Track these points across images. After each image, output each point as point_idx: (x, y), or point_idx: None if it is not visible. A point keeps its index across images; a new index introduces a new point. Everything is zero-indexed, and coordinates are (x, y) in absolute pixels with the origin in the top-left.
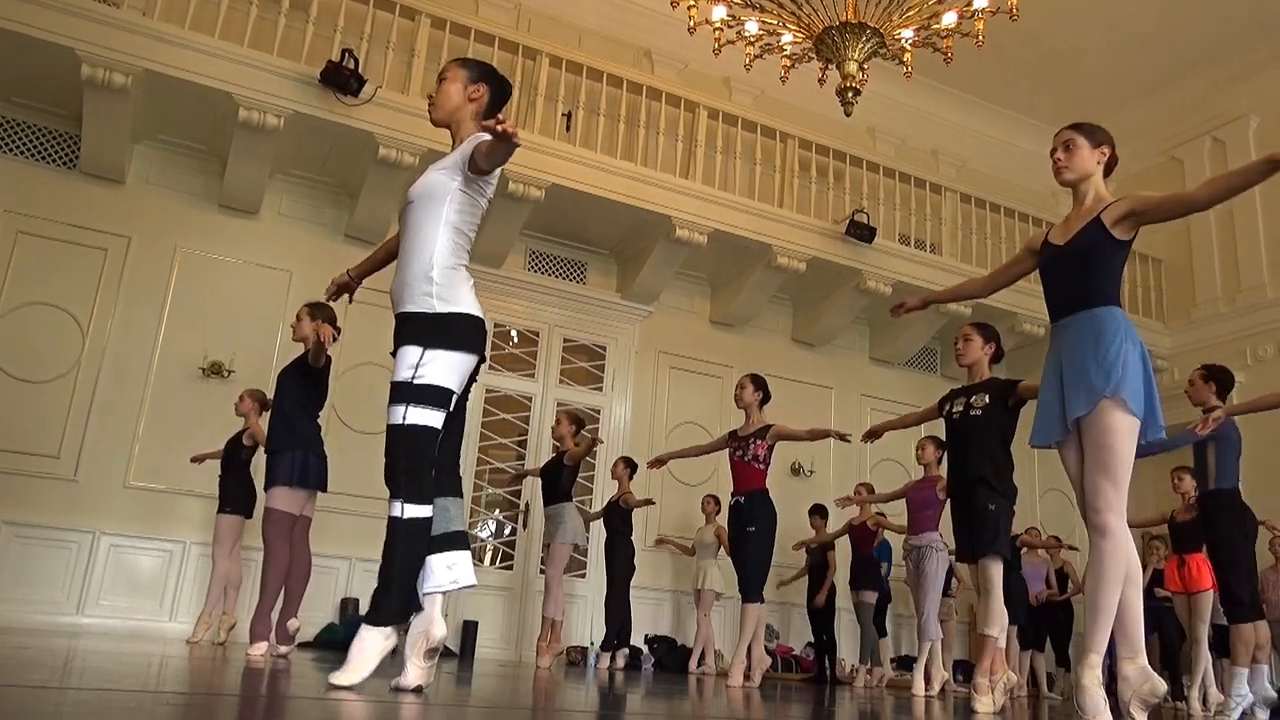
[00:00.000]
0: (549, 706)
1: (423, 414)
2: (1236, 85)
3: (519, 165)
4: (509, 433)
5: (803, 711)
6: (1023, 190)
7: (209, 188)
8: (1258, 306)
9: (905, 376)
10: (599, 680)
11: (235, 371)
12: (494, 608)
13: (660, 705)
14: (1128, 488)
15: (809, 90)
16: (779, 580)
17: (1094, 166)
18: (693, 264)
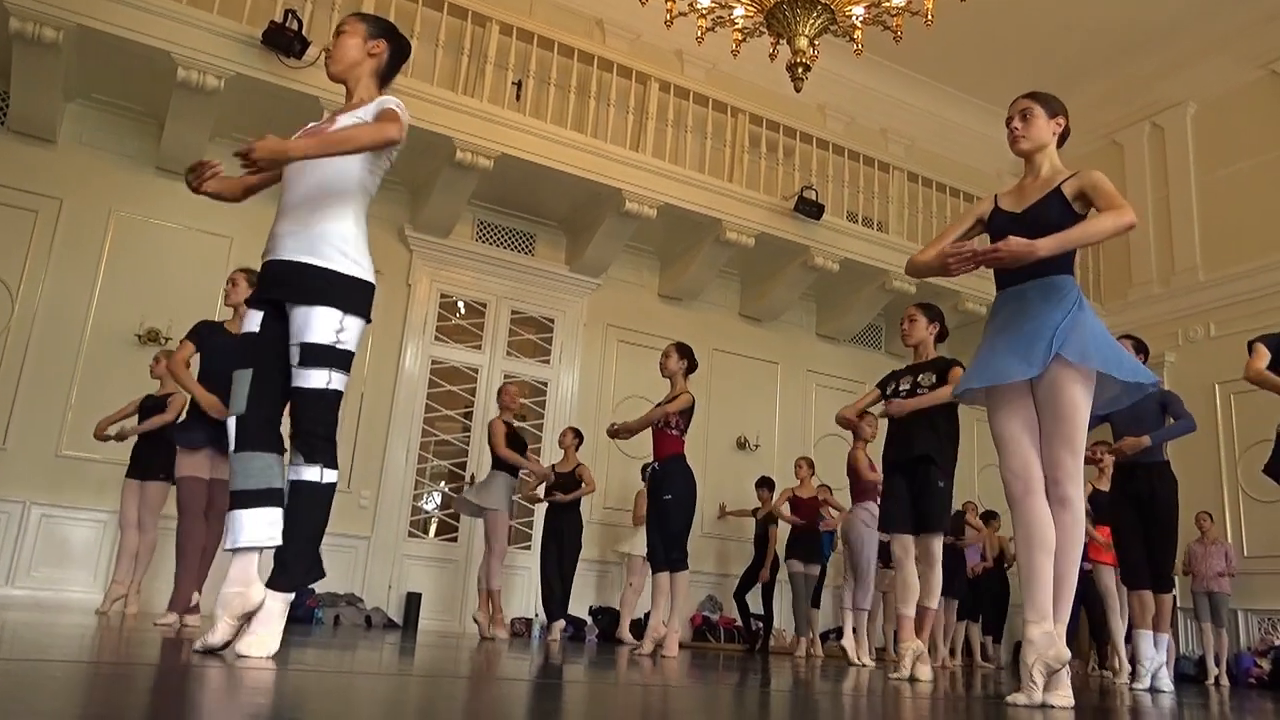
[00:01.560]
0: (512, 676)
1: (341, 379)
2: (1175, 72)
3: (467, 134)
4: (455, 405)
5: (777, 681)
6: (969, 170)
7: (146, 149)
8: (1190, 289)
9: (851, 353)
10: (548, 651)
11: (173, 339)
12: (437, 579)
13: (635, 674)
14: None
15: (760, 65)
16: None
17: (1050, 137)
18: (642, 237)
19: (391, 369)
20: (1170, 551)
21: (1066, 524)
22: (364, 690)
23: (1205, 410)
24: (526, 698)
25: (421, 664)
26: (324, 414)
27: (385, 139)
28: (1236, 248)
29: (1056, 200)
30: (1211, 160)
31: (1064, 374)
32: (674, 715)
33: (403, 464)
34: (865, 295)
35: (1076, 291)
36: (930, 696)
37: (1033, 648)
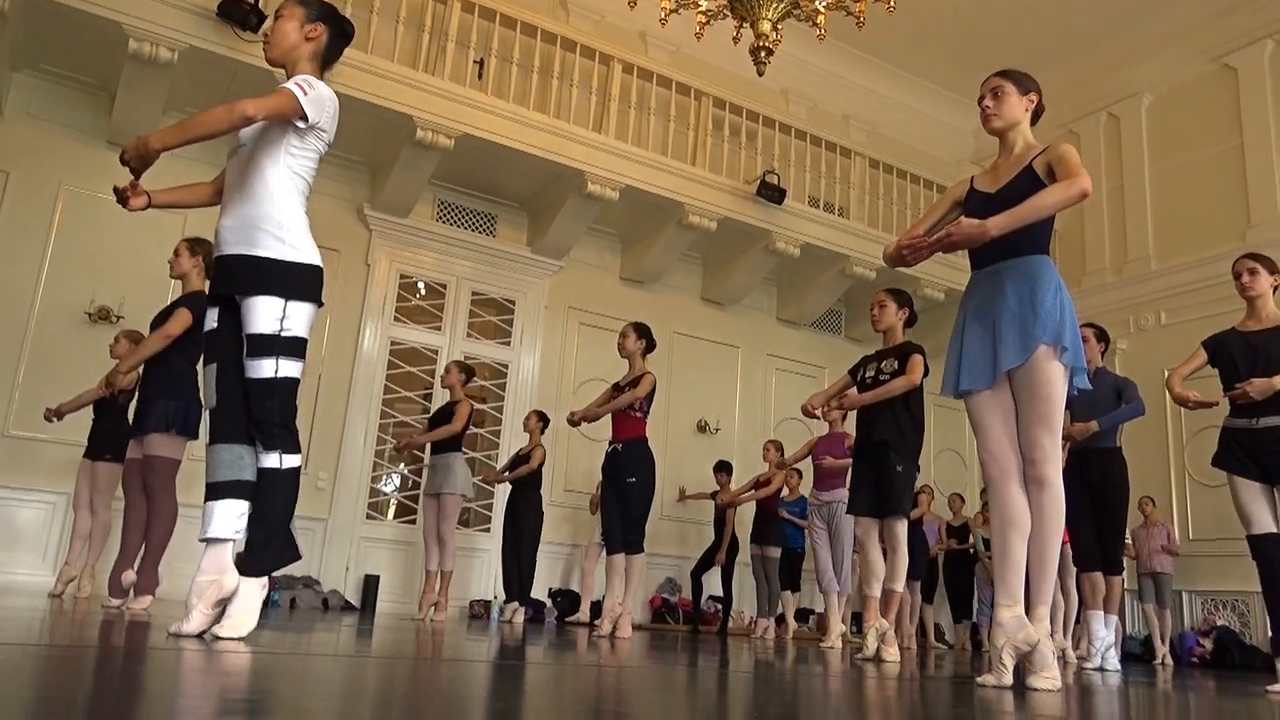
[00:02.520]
0: (467, 658)
1: (291, 365)
2: (1132, 64)
3: (428, 112)
4: (414, 386)
5: (739, 663)
6: (930, 158)
7: (97, 123)
8: (1142, 278)
9: (811, 337)
10: (510, 633)
11: (125, 317)
12: (395, 562)
13: (590, 655)
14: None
15: (724, 49)
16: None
17: (1022, 114)
18: (604, 220)
19: (350, 350)
20: (1120, 535)
21: (1045, 505)
22: (320, 672)
23: (1155, 397)
24: (479, 678)
25: (379, 646)
26: (276, 402)
27: (240, 114)
28: (1187, 237)
29: (1028, 177)
30: (1165, 151)
31: (1043, 357)
32: (626, 696)
33: (361, 446)
34: (826, 280)
35: (1054, 273)
36: (898, 678)
37: (1002, 630)
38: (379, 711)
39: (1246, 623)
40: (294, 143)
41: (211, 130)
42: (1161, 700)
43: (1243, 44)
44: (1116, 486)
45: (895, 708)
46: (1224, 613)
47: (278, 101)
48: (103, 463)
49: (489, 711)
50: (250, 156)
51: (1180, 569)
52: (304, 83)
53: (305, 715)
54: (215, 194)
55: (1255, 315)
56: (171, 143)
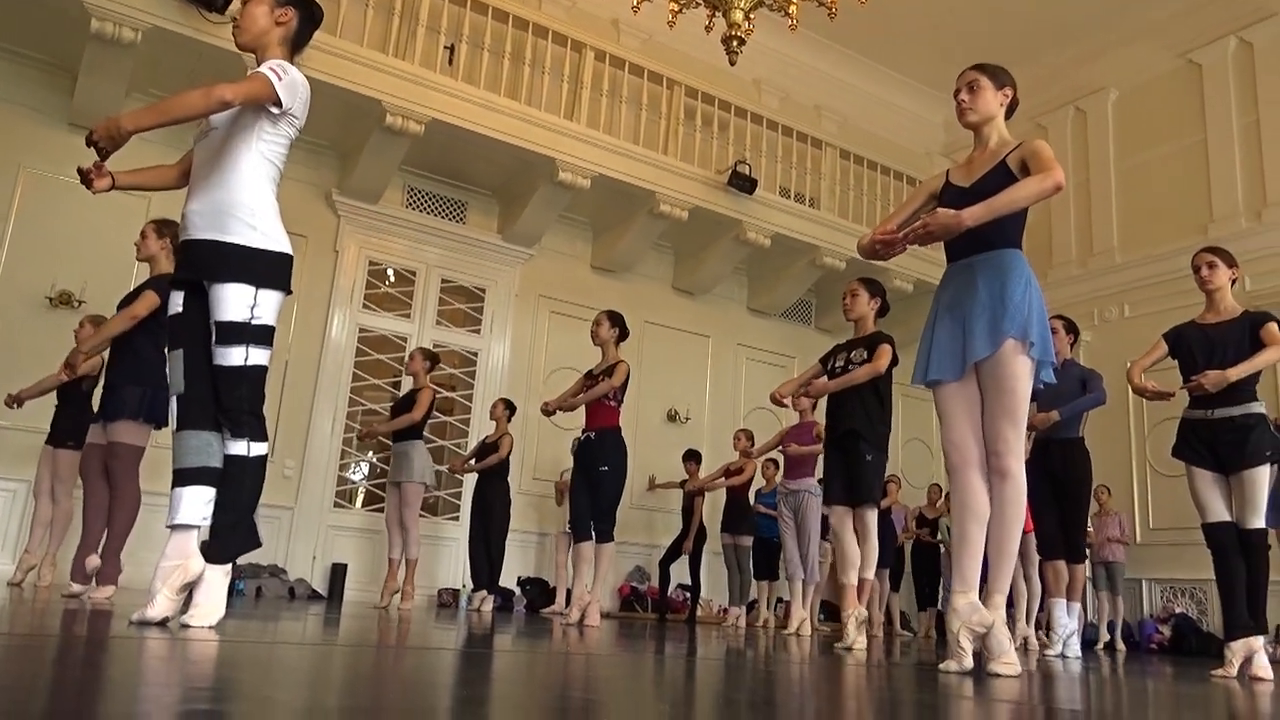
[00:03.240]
0: (435, 645)
1: (260, 354)
2: (1098, 58)
3: (398, 97)
4: (383, 374)
5: (709, 650)
6: (900, 150)
7: (58, 104)
8: (1107, 270)
9: (781, 327)
10: (479, 621)
11: (86, 302)
12: (363, 550)
13: (558, 643)
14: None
15: (696, 38)
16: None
17: (997, 108)
18: (575, 208)
19: (318, 337)
20: (1082, 524)
21: (1007, 495)
22: (286, 660)
23: (1118, 388)
24: (446, 666)
25: (346, 635)
26: (245, 390)
27: (217, 99)
28: (1151, 231)
29: (1002, 171)
30: (1130, 145)
31: (1010, 351)
32: (594, 683)
33: (328, 433)
34: (796, 270)
35: (1025, 267)
36: (865, 664)
37: (957, 615)
38: (345, 699)
39: (1204, 610)
40: (266, 128)
41: (186, 114)
42: (1119, 686)
43: (1206, 41)
44: (1078, 476)
45: (860, 694)
46: (1182, 600)
47: (252, 87)
48: (65, 449)
49: (455, 699)
50: (222, 141)
51: (1140, 558)
52: (277, 68)
53: (269, 704)
54: (180, 177)
55: (1214, 308)
56: (145, 125)
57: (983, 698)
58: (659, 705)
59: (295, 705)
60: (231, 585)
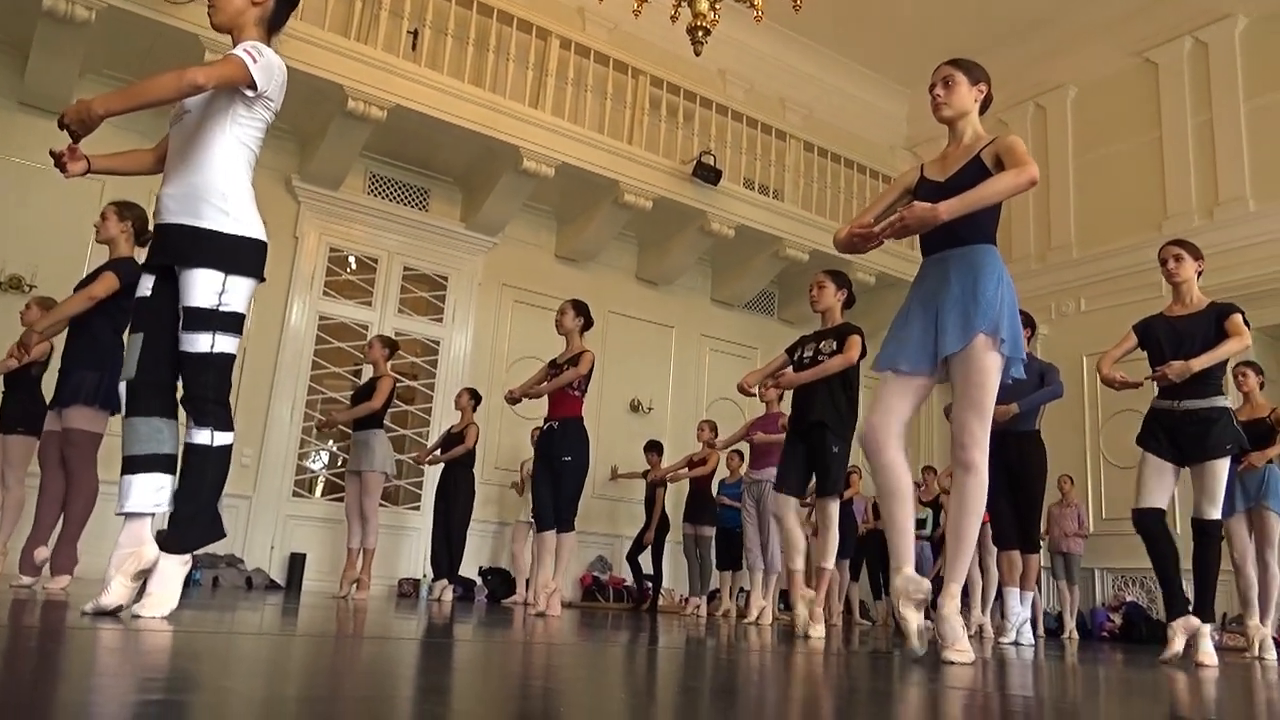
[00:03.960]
0: (395, 635)
1: (228, 341)
2: (1058, 56)
3: (360, 82)
4: (343, 362)
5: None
6: (864, 143)
7: (9, 83)
8: (1064, 265)
9: (744, 318)
10: (439, 611)
11: (36, 287)
12: (323, 540)
13: (518, 633)
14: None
15: (662, 27)
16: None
17: (971, 104)
18: (540, 196)
19: (277, 323)
20: (1036, 515)
21: (968, 487)
22: (243, 650)
23: (1074, 380)
24: (405, 656)
25: (304, 624)
26: (211, 378)
27: (189, 82)
28: (1108, 227)
29: (977, 166)
30: (1088, 142)
31: (981, 346)
32: (555, 671)
33: (288, 422)
34: (760, 262)
35: (999, 264)
36: (822, 653)
37: (897, 592)
38: (302, 690)
39: (1154, 598)
40: (241, 111)
41: (158, 98)
42: (1070, 672)
43: (1163, 40)
44: (1033, 469)
45: (815, 681)
46: (1133, 589)
47: (226, 69)
48: (15, 436)
49: (414, 688)
50: (196, 125)
51: (1092, 547)
52: (253, 50)
53: (225, 694)
54: (155, 162)
55: (1180, 300)
56: (116, 108)
57: (936, 685)
58: (617, 693)
59: (251, 696)
60: (188, 575)
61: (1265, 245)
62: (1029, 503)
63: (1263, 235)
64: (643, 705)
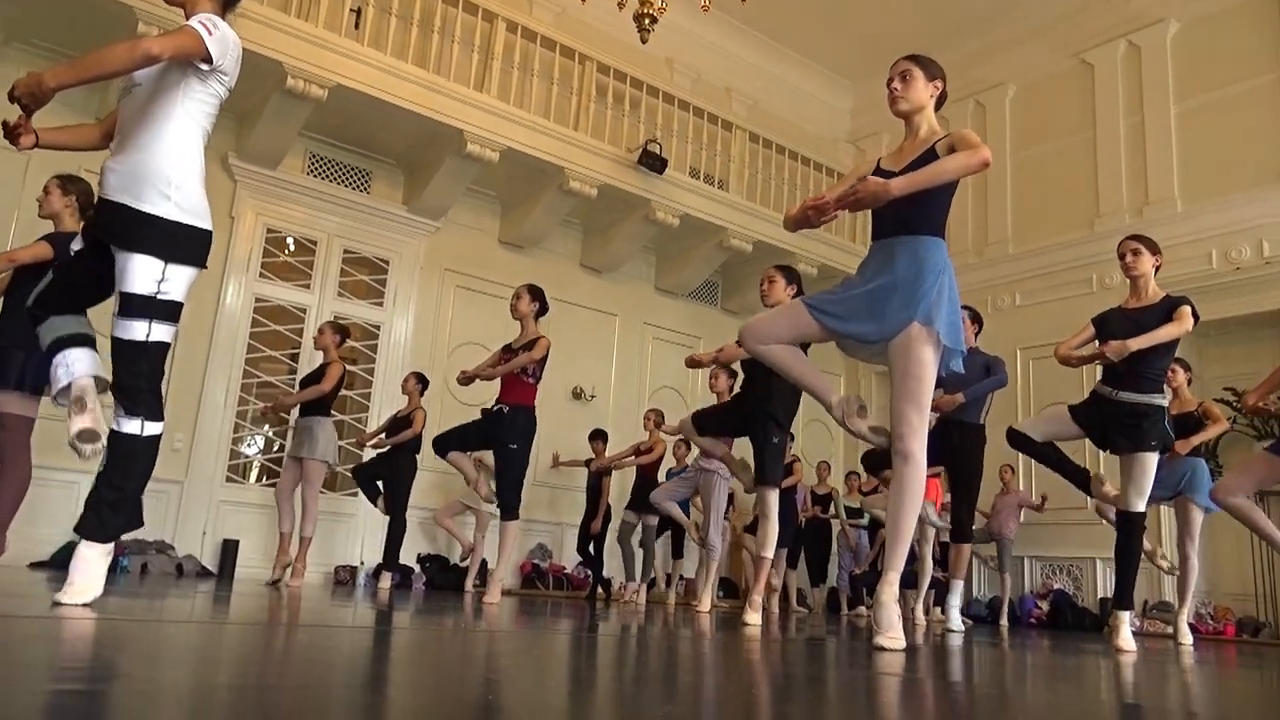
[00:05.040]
0: (331, 623)
1: (164, 330)
2: (997, 55)
3: (300, 60)
4: (280, 345)
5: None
6: (809, 135)
7: None
8: (1000, 260)
9: (687, 307)
10: (383, 600)
11: None
12: (257, 526)
13: (435, 620)
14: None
15: (609, 14)
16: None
17: (927, 99)
18: (484, 181)
19: (211, 306)
20: (971, 506)
21: (907, 476)
22: (171, 639)
23: (1009, 372)
24: (341, 644)
25: (236, 612)
26: (145, 366)
27: (142, 54)
28: (1042, 223)
29: (931, 158)
30: (1026, 140)
31: (918, 335)
32: (492, 659)
33: (221, 406)
34: (704, 251)
35: (943, 256)
36: (759, 639)
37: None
38: (233, 678)
39: (1080, 586)
40: (194, 86)
41: (110, 70)
42: (999, 657)
43: (1099, 42)
44: (970, 460)
45: (748, 667)
46: (1060, 577)
47: (181, 41)
48: None
49: (348, 676)
50: (146, 99)
51: (1022, 536)
52: (207, 22)
53: (150, 684)
54: (103, 137)
55: (1137, 294)
56: (67, 81)
57: (867, 670)
58: (550, 680)
59: (178, 685)
60: (114, 562)
61: (1191, 245)
62: (965, 493)
63: (1189, 235)
64: (579, 692)
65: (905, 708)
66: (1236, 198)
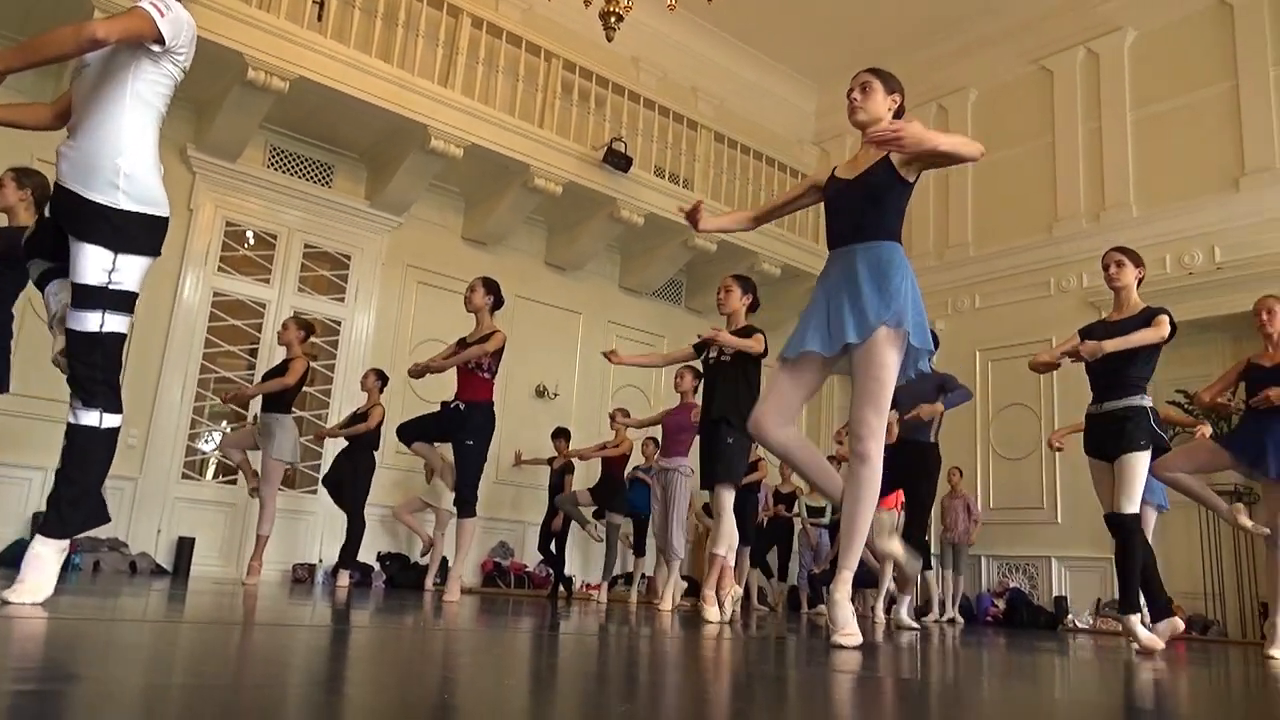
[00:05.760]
0: (275, 622)
1: (118, 320)
2: (960, 60)
3: (261, 51)
4: (239, 340)
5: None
6: (774, 136)
7: None
8: (961, 263)
9: (652, 306)
10: (341, 598)
11: None
12: (214, 523)
13: (394, 619)
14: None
15: (575, 11)
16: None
17: (885, 111)
18: (447, 177)
19: (168, 299)
20: (921, 526)
21: (863, 477)
22: (125, 637)
23: (967, 374)
24: (297, 643)
25: (192, 611)
26: (100, 358)
27: (88, 37)
28: (1003, 226)
29: (885, 167)
30: (986, 144)
31: (885, 338)
32: (450, 657)
33: (178, 401)
34: (668, 251)
35: (904, 260)
36: (717, 637)
37: None
38: (187, 678)
39: (1035, 584)
40: (146, 67)
41: (55, 54)
42: (954, 654)
43: (1058, 49)
44: (925, 481)
45: (706, 664)
46: (1016, 575)
47: (129, 24)
48: None
49: (305, 675)
50: (96, 80)
51: (979, 536)
52: (159, 3)
53: (102, 683)
54: (55, 117)
55: (1119, 305)
56: (15, 65)
57: (825, 667)
58: (510, 679)
59: (131, 684)
60: (67, 560)
61: (1147, 249)
62: (915, 507)
63: (1145, 239)
64: (539, 690)
65: (859, 705)
66: (1190, 204)
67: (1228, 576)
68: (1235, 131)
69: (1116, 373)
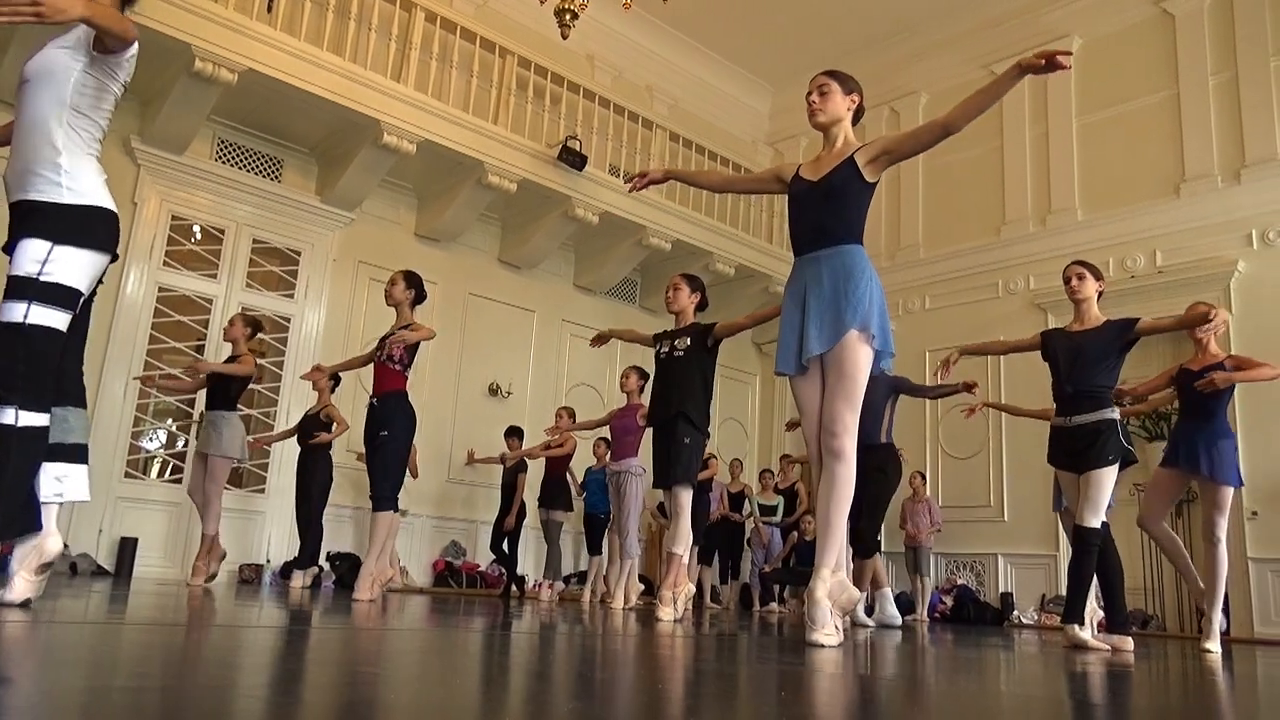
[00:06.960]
0: (216, 623)
1: (47, 314)
2: (913, 64)
3: (209, 42)
4: (184, 336)
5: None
6: (728, 136)
7: None
8: (912, 264)
9: (606, 305)
10: (289, 598)
11: None
12: (158, 523)
13: (341, 620)
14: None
15: (530, 8)
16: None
17: (844, 112)
18: (400, 173)
19: (111, 294)
20: (873, 522)
21: (839, 474)
22: (63, 639)
23: (918, 374)
24: (242, 644)
25: (134, 613)
26: (19, 349)
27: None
28: (952, 229)
29: (848, 168)
30: (936, 147)
31: (856, 339)
32: (385, 657)
33: (120, 398)
34: (623, 249)
35: (867, 263)
36: (670, 635)
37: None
38: (128, 680)
39: (982, 581)
40: (82, 78)
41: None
42: (913, 651)
43: (1008, 55)
44: (880, 478)
45: (658, 662)
46: (964, 573)
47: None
48: None
49: (249, 675)
50: (33, 93)
51: None
52: None
53: (41, 689)
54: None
55: (1080, 318)
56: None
57: (796, 663)
58: (459, 678)
59: (69, 687)
60: (1, 561)
61: (1091, 253)
62: (870, 510)
63: (1089, 243)
64: (487, 689)
65: (810, 701)
66: (1133, 209)
67: (1167, 573)
68: (1176, 139)
69: (1082, 386)
